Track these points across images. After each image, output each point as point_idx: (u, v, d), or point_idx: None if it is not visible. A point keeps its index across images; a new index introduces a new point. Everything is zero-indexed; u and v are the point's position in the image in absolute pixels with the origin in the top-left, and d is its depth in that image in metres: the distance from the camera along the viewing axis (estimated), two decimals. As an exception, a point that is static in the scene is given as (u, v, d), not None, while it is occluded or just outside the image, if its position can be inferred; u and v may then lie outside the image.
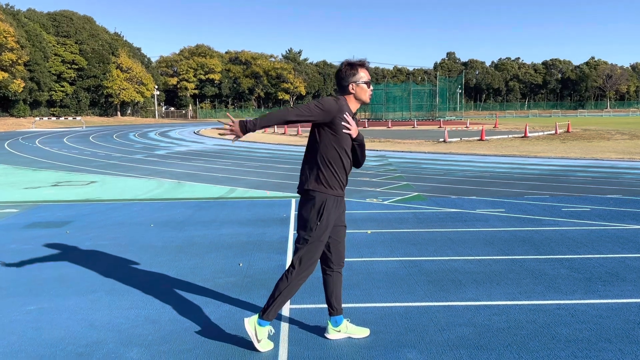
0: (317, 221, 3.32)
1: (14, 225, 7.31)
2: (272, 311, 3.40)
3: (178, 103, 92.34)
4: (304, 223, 3.38)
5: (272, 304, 3.38)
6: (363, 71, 3.38)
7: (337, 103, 3.29)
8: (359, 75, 3.37)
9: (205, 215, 7.83)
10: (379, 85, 69.48)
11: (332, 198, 3.35)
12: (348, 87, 3.38)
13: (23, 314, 4.10)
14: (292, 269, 3.37)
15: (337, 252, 3.52)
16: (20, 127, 48.88)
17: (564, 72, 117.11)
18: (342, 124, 3.29)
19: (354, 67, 3.38)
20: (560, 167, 13.82)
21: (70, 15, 68.41)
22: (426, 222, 7.20)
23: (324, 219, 3.33)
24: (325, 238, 3.39)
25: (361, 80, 3.37)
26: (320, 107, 3.23)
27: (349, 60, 3.41)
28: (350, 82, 3.37)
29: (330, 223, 3.37)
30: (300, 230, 3.40)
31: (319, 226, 3.33)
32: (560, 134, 27.71)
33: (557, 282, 4.67)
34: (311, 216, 3.33)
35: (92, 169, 14.65)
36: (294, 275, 3.37)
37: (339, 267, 3.55)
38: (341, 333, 3.60)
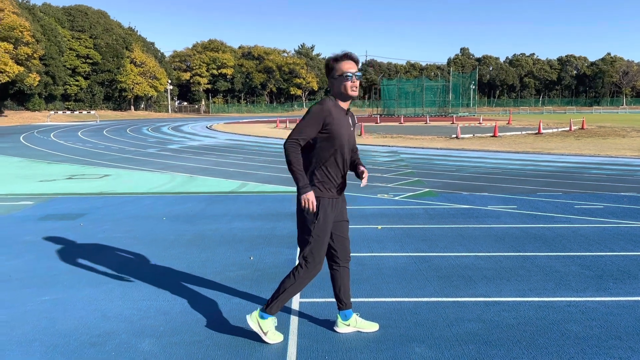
0: (314, 220, 3.32)
1: (29, 217, 7.42)
2: (275, 306, 3.42)
3: (191, 98, 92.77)
4: (302, 223, 3.38)
5: (276, 299, 3.41)
6: (339, 65, 3.29)
7: (322, 106, 3.25)
8: (335, 69, 3.30)
9: (216, 209, 7.89)
10: (392, 81, 69.22)
11: (327, 200, 3.33)
12: (330, 82, 3.36)
13: (37, 304, 4.17)
14: (300, 268, 3.38)
15: (343, 247, 3.52)
16: (36, 120, 49.46)
17: (580, 68, 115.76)
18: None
19: (332, 62, 3.32)
20: (574, 164, 13.69)
21: (85, 9, 68.95)
22: (437, 218, 7.19)
23: (321, 219, 3.32)
24: (326, 236, 3.37)
25: (336, 74, 3.30)
26: (312, 119, 3.22)
27: (333, 55, 3.35)
28: (330, 77, 3.35)
29: (328, 222, 3.36)
30: (300, 230, 3.40)
31: (317, 225, 3.32)
32: (574, 131, 27.43)
33: (567, 279, 4.65)
34: (309, 216, 3.33)
35: (105, 163, 14.79)
36: (302, 274, 3.38)
37: (346, 262, 3.56)
38: (350, 327, 3.62)
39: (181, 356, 3.27)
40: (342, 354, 3.30)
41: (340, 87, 3.30)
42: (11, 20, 46.71)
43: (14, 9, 49.34)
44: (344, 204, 3.53)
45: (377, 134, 26.57)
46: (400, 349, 3.36)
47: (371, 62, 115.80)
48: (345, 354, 3.30)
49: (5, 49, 45.72)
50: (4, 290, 4.48)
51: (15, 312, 4.00)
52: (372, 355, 3.28)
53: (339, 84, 3.30)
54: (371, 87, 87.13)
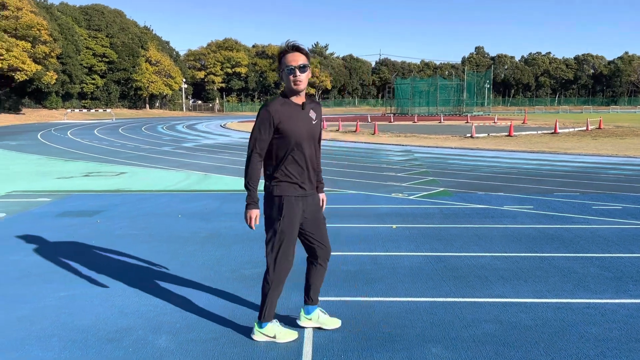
0: (279, 219, 3.27)
1: (47, 214, 7.51)
2: (267, 313, 3.42)
3: (205, 96, 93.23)
4: (267, 222, 3.34)
5: (264, 307, 3.41)
6: (285, 57, 3.16)
7: (267, 109, 3.16)
8: (282, 62, 3.19)
9: (231, 207, 7.92)
10: (406, 80, 68.92)
11: (292, 198, 3.27)
12: (280, 75, 3.26)
13: (56, 300, 4.22)
14: (270, 270, 3.35)
15: (323, 245, 3.49)
16: (53, 118, 50.07)
17: (597, 67, 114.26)
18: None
19: (280, 54, 3.19)
20: (591, 164, 13.52)
21: (101, 9, 69.60)
22: (452, 217, 7.14)
23: (286, 217, 3.26)
24: (293, 234, 3.31)
25: (282, 67, 3.17)
26: (261, 124, 3.17)
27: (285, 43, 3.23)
28: (279, 70, 3.24)
29: (294, 220, 3.28)
30: (266, 230, 3.36)
31: (282, 223, 3.27)
32: (591, 131, 27.09)
33: (586, 281, 4.59)
34: (273, 215, 3.29)
35: (121, 161, 14.93)
36: (273, 275, 3.35)
37: (325, 260, 3.53)
38: (312, 322, 3.62)
39: (198, 353, 3.29)
40: (358, 353, 3.29)
41: (286, 80, 3.18)
42: (29, 19, 47.31)
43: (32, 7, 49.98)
44: (317, 204, 3.45)
45: (390, 133, 26.48)
46: (417, 349, 3.34)
47: (385, 61, 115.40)
48: (361, 352, 3.29)
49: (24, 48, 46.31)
50: (23, 286, 4.53)
51: (35, 307, 4.05)
52: (387, 355, 3.27)
53: (285, 78, 3.18)
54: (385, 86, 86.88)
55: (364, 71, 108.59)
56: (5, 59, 45.02)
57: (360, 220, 6.99)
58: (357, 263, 5.14)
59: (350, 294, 4.30)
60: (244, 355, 3.27)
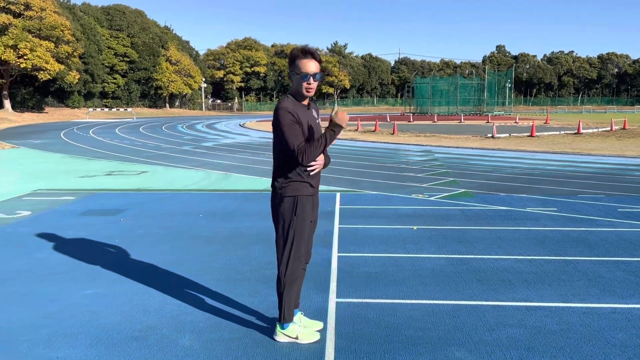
0: (293, 218, 3.29)
1: (71, 212, 7.63)
2: (286, 313, 3.42)
3: (224, 96, 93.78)
4: (279, 221, 3.35)
5: (282, 307, 3.42)
6: (300, 61, 3.15)
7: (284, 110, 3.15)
8: (295, 65, 3.17)
9: (252, 207, 7.96)
10: (425, 79, 68.49)
11: (304, 197, 3.30)
12: (289, 77, 3.26)
13: (81, 298, 4.28)
14: (283, 270, 3.36)
15: (307, 247, 3.48)
16: (75, 117, 50.86)
17: (621, 66, 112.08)
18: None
19: (294, 55, 3.18)
20: (616, 165, 13.28)
21: (122, 9, 70.42)
22: (474, 219, 7.08)
23: (299, 216, 3.28)
24: (304, 233, 3.34)
25: (295, 71, 3.17)
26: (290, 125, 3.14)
27: (298, 46, 3.21)
28: (290, 71, 3.23)
29: (306, 219, 3.32)
30: (278, 229, 3.37)
31: (295, 222, 3.29)
32: (616, 131, 26.60)
33: (612, 285, 4.51)
34: (286, 215, 3.30)
35: (143, 159, 15.10)
36: (286, 275, 3.36)
37: (307, 264, 3.51)
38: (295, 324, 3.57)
39: (221, 352, 3.31)
40: (381, 355, 3.28)
41: (297, 85, 3.19)
42: (53, 20, 48.06)
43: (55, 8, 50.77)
44: (318, 201, 3.49)
45: (410, 132, 26.33)
46: (440, 353, 3.31)
47: (404, 60, 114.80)
48: (384, 355, 3.28)
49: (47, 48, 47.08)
50: (50, 284, 4.62)
51: (61, 305, 4.12)
52: (410, 357, 3.25)
53: (297, 82, 3.19)
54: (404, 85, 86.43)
55: (383, 70, 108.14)
56: (29, 58, 45.80)
57: (380, 221, 6.97)
58: (378, 264, 5.12)
59: (372, 296, 4.28)
60: (266, 355, 3.28)
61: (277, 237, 3.40)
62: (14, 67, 46.86)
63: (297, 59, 3.17)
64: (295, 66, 3.17)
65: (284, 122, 3.15)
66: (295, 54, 3.19)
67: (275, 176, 3.36)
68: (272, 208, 3.41)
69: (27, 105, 53.19)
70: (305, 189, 3.32)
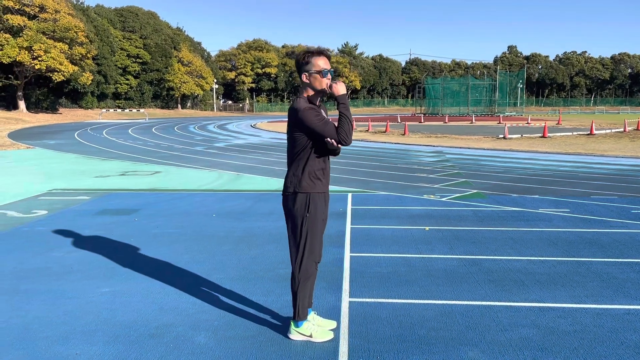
0: (306, 215, 3.37)
1: (86, 212, 7.73)
2: (301, 311, 3.47)
3: (235, 96, 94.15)
4: (292, 220, 3.43)
5: (295, 305, 3.47)
6: (317, 60, 3.29)
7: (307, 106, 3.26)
8: (312, 64, 3.28)
9: (264, 207, 8.01)
10: (437, 80, 68.25)
11: (317, 195, 3.41)
12: (302, 78, 3.33)
13: (98, 296, 4.36)
14: (297, 268, 3.43)
15: (321, 248, 3.53)
16: (88, 118, 51.35)
17: (634, 66, 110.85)
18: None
19: (307, 56, 3.30)
20: (629, 166, 13.17)
21: (135, 10, 71.00)
22: (486, 220, 7.07)
23: (312, 213, 3.38)
24: (317, 230, 3.42)
25: (313, 70, 3.28)
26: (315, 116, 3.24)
27: (306, 49, 3.34)
28: (303, 71, 3.31)
29: (318, 216, 3.42)
30: (291, 228, 3.45)
31: (308, 219, 3.38)
32: (629, 132, 26.34)
33: (626, 287, 4.50)
34: (299, 212, 3.38)
35: (156, 160, 15.23)
36: (300, 273, 3.42)
37: (318, 263, 3.54)
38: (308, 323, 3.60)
39: (237, 351, 3.36)
40: (394, 355, 3.31)
41: (316, 81, 3.30)
42: (67, 22, 48.59)
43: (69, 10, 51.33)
44: (328, 201, 3.56)
45: (421, 133, 26.28)
46: (453, 352, 3.34)
47: (415, 61, 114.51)
48: (397, 355, 3.30)
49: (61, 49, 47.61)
50: (67, 282, 4.70)
51: (78, 303, 4.19)
52: (424, 357, 3.27)
53: (314, 80, 3.29)
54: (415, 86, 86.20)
55: (394, 71, 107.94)
56: (43, 60, 46.34)
57: (392, 222, 6.99)
58: (390, 265, 5.14)
59: (385, 296, 4.31)
60: (281, 353, 3.33)
61: (290, 235, 3.46)
62: (29, 69, 47.42)
63: (312, 58, 3.30)
64: (312, 64, 3.29)
65: (311, 118, 3.24)
66: (309, 54, 3.31)
67: (289, 175, 3.42)
68: (285, 206, 3.47)
69: (41, 106, 53.82)
70: (318, 187, 3.40)
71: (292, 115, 3.30)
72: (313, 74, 3.29)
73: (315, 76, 3.29)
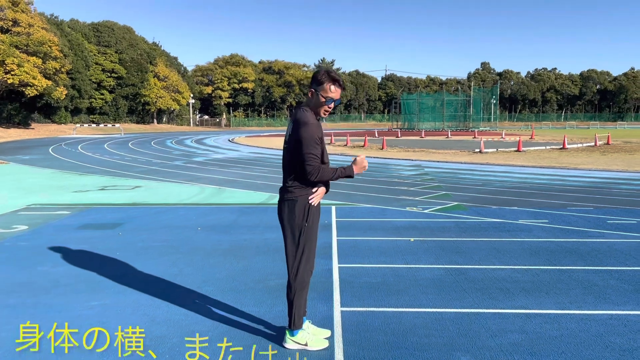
0: (304, 225, 3.45)
1: (68, 226, 7.63)
2: (296, 320, 3.53)
3: (212, 111, 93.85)
4: (289, 229, 3.49)
5: (291, 313, 3.52)
6: (331, 86, 3.37)
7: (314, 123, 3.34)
8: (323, 87, 3.37)
9: (249, 220, 8.02)
10: (412, 95, 69.27)
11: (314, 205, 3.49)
12: (311, 91, 3.42)
13: (87, 309, 4.32)
14: (294, 277, 3.49)
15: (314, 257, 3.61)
16: (62, 133, 50.53)
17: (601, 83, 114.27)
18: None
19: (325, 77, 3.38)
20: (602, 179, 13.57)
21: (111, 25, 70.50)
22: (469, 231, 7.22)
23: (309, 222, 3.46)
24: (314, 239, 3.53)
25: (321, 92, 3.37)
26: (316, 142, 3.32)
27: (327, 69, 3.45)
28: (314, 87, 3.41)
29: (315, 226, 3.51)
30: (289, 237, 3.51)
31: (306, 229, 3.46)
32: (600, 146, 27.11)
33: (607, 293, 4.66)
34: (297, 221, 3.45)
35: (135, 174, 15.09)
36: (296, 282, 3.49)
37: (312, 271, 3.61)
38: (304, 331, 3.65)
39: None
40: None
41: (319, 106, 3.40)
42: (40, 36, 47.98)
43: (43, 24, 50.71)
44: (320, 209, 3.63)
45: (399, 147, 26.59)
46: (445, 358, 3.41)
47: (391, 77, 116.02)
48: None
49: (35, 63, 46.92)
50: (55, 296, 4.64)
51: (68, 317, 4.15)
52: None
53: (317, 101, 3.39)
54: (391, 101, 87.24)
55: (370, 86, 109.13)
56: (16, 74, 45.59)
57: (377, 233, 7.08)
58: (378, 275, 5.22)
59: (376, 305, 4.37)
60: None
61: (288, 244, 3.50)
62: (1, 83, 46.58)
63: (327, 83, 3.37)
64: (324, 89, 3.37)
65: (311, 140, 3.30)
66: (327, 78, 3.38)
67: (287, 184, 3.47)
68: (281, 216, 3.51)
69: (13, 121, 52.75)
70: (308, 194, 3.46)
71: (296, 127, 3.36)
72: (320, 94, 3.38)
73: (320, 98, 3.38)
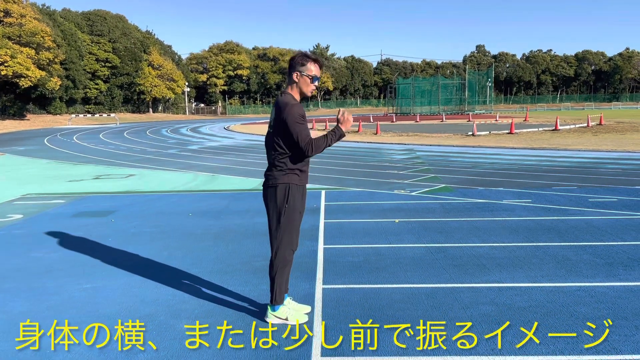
0: (285, 206, 3.61)
1: (62, 215, 7.81)
2: (277, 295, 3.71)
3: (208, 99, 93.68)
4: (272, 210, 3.65)
5: (273, 290, 3.71)
6: (313, 65, 3.55)
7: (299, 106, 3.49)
8: (307, 67, 3.54)
9: (239, 206, 8.21)
10: (407, 80, 69.16)
11: (295, 186, 3.62)
12: (293, 75, 3.57)
13: (80, 291, 4.51)
14: (275, 255, 3.67)
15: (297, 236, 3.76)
16: (57, 124, 50.51)
17: (596, 64, 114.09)
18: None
19: (305, 59, 3.54)
20: (590, 159, 13.76)
21: (103, 14, 70.06)
22: (453, 212, 7.41)
23: (291, 203, 3.61)
24: (296, 220, 3.66)
25: (306, 72, 3.54)
26: (303, 122, 3.49)
27: (304, 52, 3.61)
28: (296, 70, 3.56)
29: (297, 207, 3.65)
30: (271, 218, 3.67)
31: (286, 210, 3.61)
32: (592, 127, 27.29)
33: (579, 267, 4.86)
34: (279, 203, 3.60)
35: (129, 163, 15.24)
36: (278, 261, 3.67)
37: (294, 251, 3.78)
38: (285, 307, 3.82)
39: (218, 335, 3.57)
40: (365, 332, 3.56)
41: (304, 84, 3.56)
42: (33, 26, 47.77)
43: (35, 14, 50.46)
44: (305, 194, 3.78)
45: (393, 132, 26.74)
46: (417, 329, 3.60)
47: (386, 61, 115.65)
48: (368, 332, 3.56)
49: (28, 54, 46.77)
50: (48, 279, 4.83)
51: (61, 299, 4.34)
52: (392, 333, 3.54)
53: (304, 82, 3.56)
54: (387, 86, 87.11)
55: (366, 72, 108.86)
56: (9, 65, 45.48)
57: (363, 216, 7.27)
58: (361, 255, 5.41)
59: (356, 282, 4.57)
60: (259, 335, 3.55)
61: (271, 224, 3.68)
62: (-6, 75, 46.45)
63: (309, 62, 3.56)
64: (307, 68, 3.55)
65: (297, 119, 3.47)
66: (307, 58, 3.56)
67: (271, 167, 3.65)
68: (265, 198, 3.69)
69: (8, 112, 52.71)
70: (297, 179, 3.64)
71: (279, 110, 3.52)
72: (305, 75, 3.55)
73: (306, 79, 3.55)
